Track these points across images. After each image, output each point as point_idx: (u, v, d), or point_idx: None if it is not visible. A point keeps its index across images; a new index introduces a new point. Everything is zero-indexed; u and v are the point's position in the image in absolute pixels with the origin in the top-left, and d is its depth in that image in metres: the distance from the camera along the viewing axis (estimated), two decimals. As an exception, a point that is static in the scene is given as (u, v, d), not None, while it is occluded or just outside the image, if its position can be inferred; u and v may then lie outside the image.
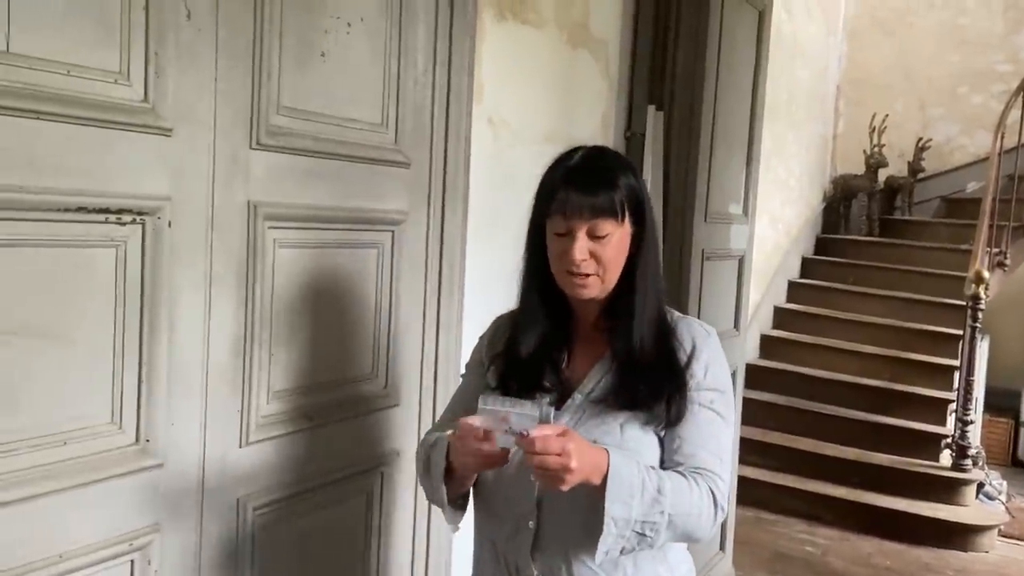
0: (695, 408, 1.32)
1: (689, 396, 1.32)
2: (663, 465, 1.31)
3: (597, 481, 1.18)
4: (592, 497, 1.20)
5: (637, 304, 1.33)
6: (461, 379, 1.54)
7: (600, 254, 1.29)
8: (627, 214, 1.30)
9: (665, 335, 1.36)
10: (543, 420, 1.26)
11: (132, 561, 1.40)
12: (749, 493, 4.23)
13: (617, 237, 1.30)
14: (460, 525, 1.42)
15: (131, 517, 1.39)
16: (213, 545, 1.54)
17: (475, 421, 1.19)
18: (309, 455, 1.72)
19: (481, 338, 1.50)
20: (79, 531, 1.32)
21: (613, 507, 1.18)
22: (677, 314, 1.41)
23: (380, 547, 1.93)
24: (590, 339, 1.39)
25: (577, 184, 1.28)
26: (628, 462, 1.22)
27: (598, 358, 1.37)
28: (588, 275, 1.29)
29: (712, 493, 1.29)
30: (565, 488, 1.15)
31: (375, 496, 1.91)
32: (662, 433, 1.32)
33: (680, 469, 1.29)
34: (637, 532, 1.21)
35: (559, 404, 1.33)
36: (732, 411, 1.39)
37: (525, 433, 1.14)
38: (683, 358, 1.34)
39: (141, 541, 1.40)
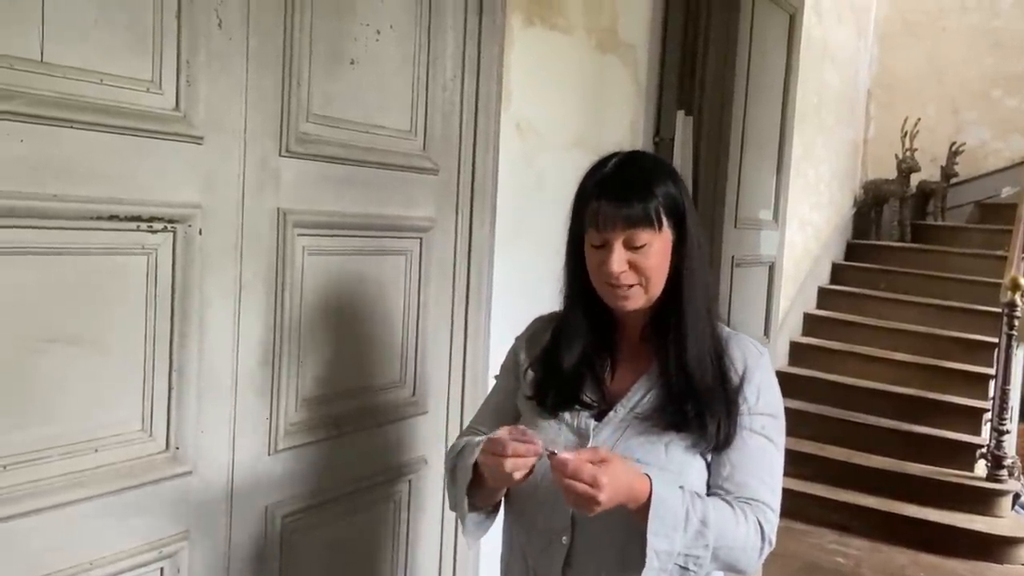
0: (746, 433, 1.27)
1: (740, 420, 1.27)
2: (709, 490, 1.27)
3: (633, 507, 1.15)
4: (631, 521, 1.17)
5: (688, 317, 1.28)
6: (494, 380, 1.50)
7: (640, 264, 1.24)
8: (665, 221, 1.25)
9: (717, 352, 1.30)
10: (582, 434, 1.24)
11: (161, 569, 1.40)
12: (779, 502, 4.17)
13: (657, 246, 1.25)
14: (480, 541, 1.39)
15: (161, 524, 1.39)
16: (241, 553, 1.54)
17: (519, 446, 1.15)
18: (337, 463, 1.72)
19: (518, 339, 1.47)
20: (109, 538, 1.32)
21: (656, 540, 1.14)
22: (727, 329, 1.36)
23: (407, 556, 1.93)
24: (635, 351, 1.35)
25: (609, 194, 1.23)
26: (672, 491, 1.18)
27: (643, 371, 1.33)
28: (630, 286, 1.25)
29: (760, 526, 1.24)
30: (590, 515, 1.13)
31: (402, 504, 1.90)
32: (709, 456, 1.27)
33: (728, 498, 1.25)
34: (680, 565, 1.18)
35: (599, 416, 1.30)
36: (783, 437, 1.32)
37: (555, 452, 1.12)
38: (734, 379, 1.28)
39: (170, 549, 1.40)
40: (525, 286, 2.19)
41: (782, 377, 4.88)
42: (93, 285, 1.27)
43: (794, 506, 4.32)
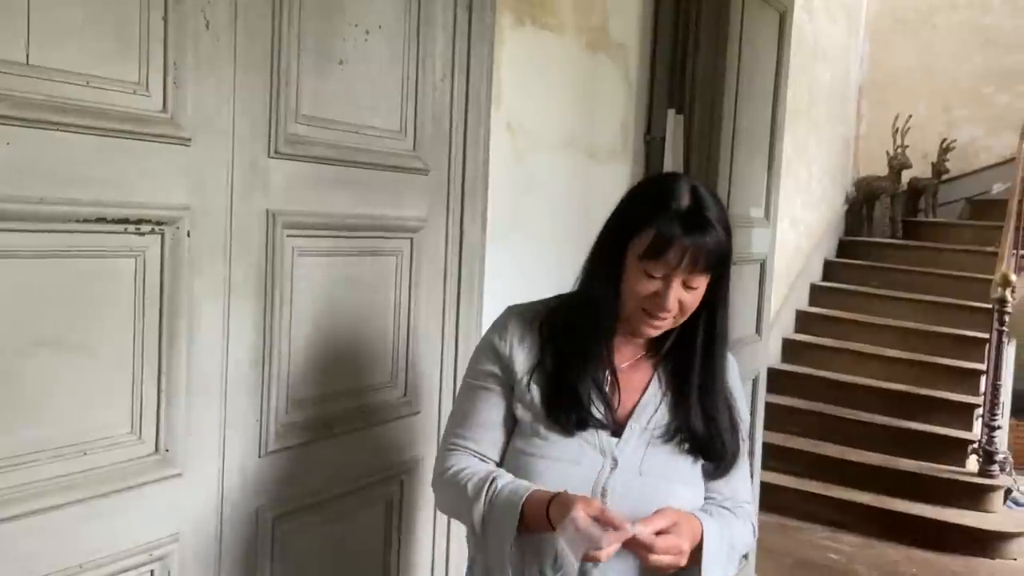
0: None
1: None
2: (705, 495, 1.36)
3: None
4: None
5: (717, 357, 1.33)
6: (473, 384, 1.40)
7: (686, 302, 1.26)
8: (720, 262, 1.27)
9: (723, 388, 1.36)
10: (605, 452, 1.28)
11: (152, 571, 1.40)
12: (772, 499, 4.18)
13: (702, 287, 1.27)
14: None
15: (151, 527, 1.39)
16: (233, 555, 1.54)
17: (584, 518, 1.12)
18: (329, 464, 1.72)
19: (500, 339, 1.37)
20: (98, 541, 1.31)
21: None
22: None
23: (400, 556, 1.92)
24: (633, 355, 1.36)
25: (689, 232, 1.20)
26: (715, 528, 1.26)
27: (646, 379, 1.35)
28: (669, 319, 1.27)
29: (751, 523, 1.39)
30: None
31: (395, 505, 1.90)
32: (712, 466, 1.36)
33: (729, 506, 1.35)
34: None
35: (616, 432, 1.31)
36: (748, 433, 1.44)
37: (642, 533, 1.14)
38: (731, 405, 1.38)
39: (161, 551, 1.40)
40: (517, 285, 2.19)
41: (775, 374, 4.93)
42: (81, 288, 1.27)
43: (786, 502, 4.35)
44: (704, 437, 1.31)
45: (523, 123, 2.22)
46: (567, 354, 1.31)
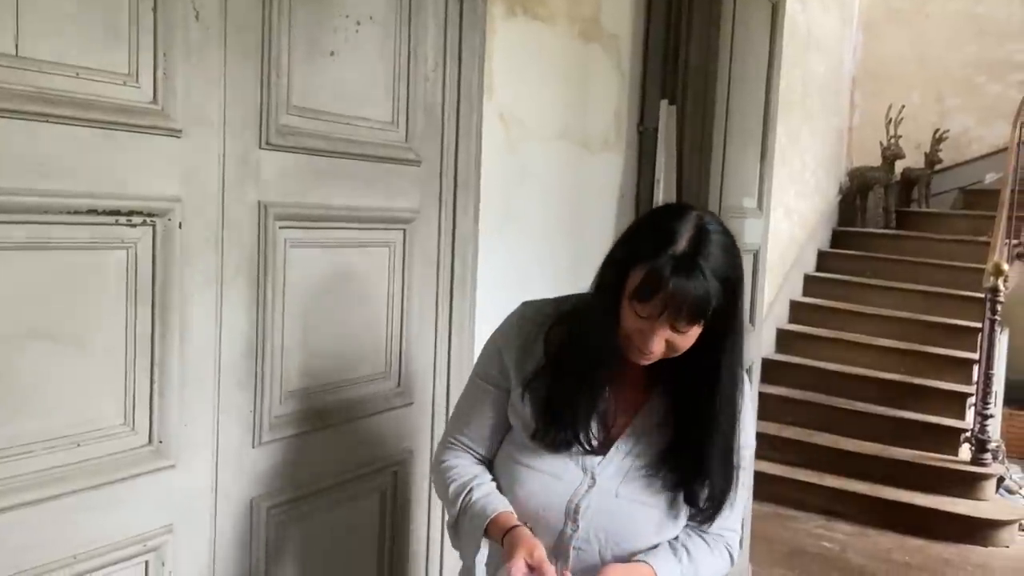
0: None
1: None
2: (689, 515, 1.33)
3: None
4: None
5: (721, 397, 1.25)
6: (477, 381, 1.41)
7: (675, 343, 1.20)
8: (715, 309, 1.17)
9: (737, 424, 1.29)
10: (586, 471, 1.29)
11: (146, 562, 1.41)
12: (766, 488, 4.20)
13: (695, 332, 1.19)
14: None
15: (145, 518, 1.39)
16: (227, 545, 1.54)
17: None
18: (323, 455, 1.72)
19: (504, 339, 1.36)
20: (93, 532, 1.32)
21: None
22: None
23: (395, 546, 1.93)
24: (629, 373, 1.30)
25: (674, 280, 1.13)
26: (672, 571, 1.26)
27: (641, 400, 1.32)
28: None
29: (730, 554, 1.36)
30: None
31: (388, 496, 1.90)
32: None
33: (705, 531, 1.33)
34: None
35: (601, 450, 1.29)
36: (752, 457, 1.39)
37: None
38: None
39: (155, 542, 1.41)
40: (510, 276, 2.20)
41: (768, 364, 4.92)
42: (72, 280, 1.27)
43: (780, 492, 4.37)
44: (689, 482, 1.27)
45: (515, 113, 2.22)
46: (565, 374, 1.27)
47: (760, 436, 4.25)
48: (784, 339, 5.57)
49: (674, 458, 1.28)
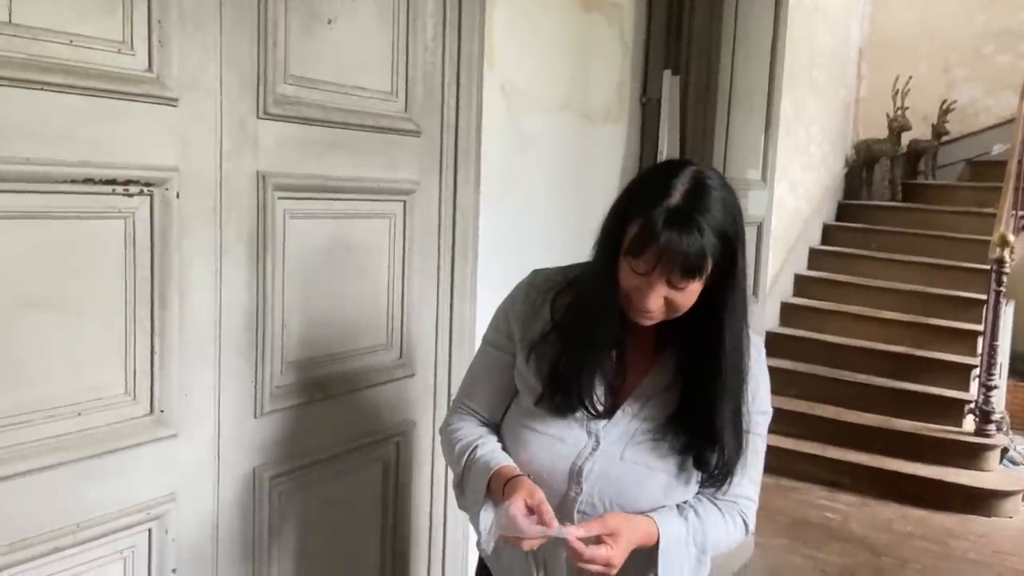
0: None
1: None
2: (700, 484, 1.30)
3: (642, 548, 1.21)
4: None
5: (726, 356, 1.21)
6: (486, 346, 1.40)
7: (674, 300, 1.17)
8: (711, 268, 1.15)
9: (744, 376, 1.26)
10: (591, 433, 1.27)
11: (150, 530, 1.42)
12: (769, 460, 4.13)
13: (696, 286, 1.17)
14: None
15: (147, 487, 1.40)
16: (230, 514, 1.55)
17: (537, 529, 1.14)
18: (324, 425, 1.73)
19: (512, 304, 1.35)
20: (95, 501, 1.33)
21: None
22: None
23: (398, 516, 1.94)
24: (640, 337, 1.28)
25: (667, 234, 1.10)
26: (677, 532, 1.23)
27: (650, 364, 1.30)
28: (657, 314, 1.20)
29: (744, 522, 1.33)
30: None
31: (391, 466, 1.91)
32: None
33: (719, 500, 1.30)
34: None
35: (607, 415, 1.28)
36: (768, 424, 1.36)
37: (568, 536, 1.14)
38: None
39: (158, 511, 1.42)
40: (512, 246, 2.19)
41: (773, 337, 4.90)
42: (70, 249, 1.27)
43: (783, 463, 4.38)
44: (698, 445, 1.25)
45: (517, 84, 2.20)
46: (570, 339, 1.26)
47: (764, 408, 4.29)
48: (789, 312, 5.56)
49: (681, 421, 1.26)
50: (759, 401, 1.31)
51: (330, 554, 1.79)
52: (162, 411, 1.41)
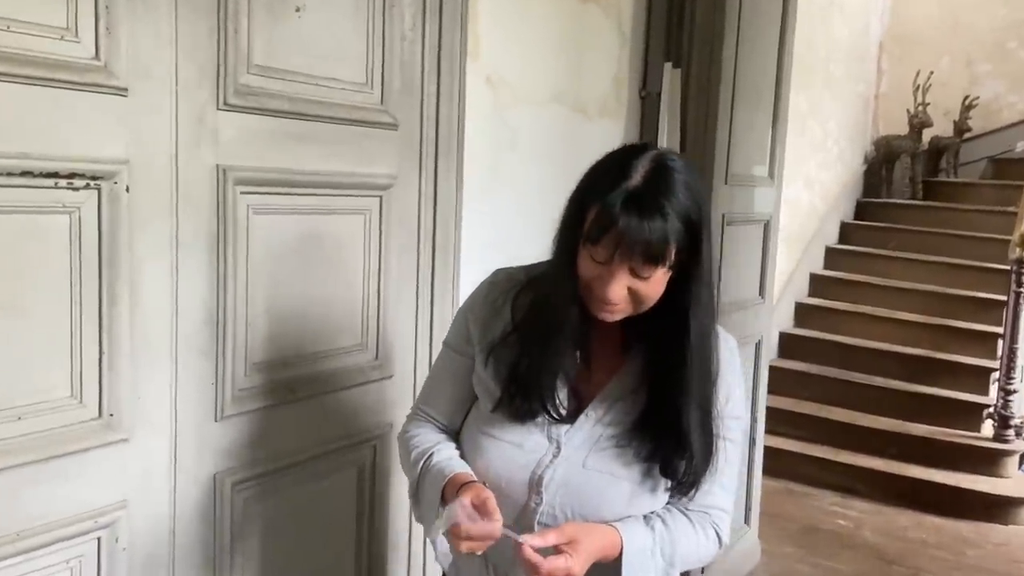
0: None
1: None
2: (669, 493, 1.23)
3: (603, 562, 1.14)
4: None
5: (691, 351, 1.15)
6: (445, 350, 1.35)
7: (638, 291, 1.10)
8: (676, 255, 1.09)
9: (712, 375, 1.20)
10: (552, 439, 1.21)
11: (99, 539, 1.36)
12: (778, 464, 4.11)
13: (660, 275, 1.10)
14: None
15: (96, 494, 1.34)
16: (189, 521, 1.49)
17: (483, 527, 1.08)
18: (294, 429, 1.67)
19: (471, 308, 1.30)
20: (39, 508, 1.27)
21: None
22: None
23: (374, 522, 1.88)
24: (605, 339, 1.22)
25: (628, 219, 1.05)
26: (641, 542, 1.16)
27: (615, 368, 1.23)
28: (621, 307, 1.12)
29: (717, 534, 1.26)
30: None
31: (367, 471, 1.85)
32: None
33: (689, 510, 1.24)
34: None
35: (571, 419, 1.21)
36: (745, 431, 1.29)
37: (518, 537, 1.07)
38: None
39: (107, 518, 1.36)
40: (498, 243, 2.12)
41: (786, 338, 4.82)
42: (10, 246, 1.21)
43: (794, 467, 4.29)
44: (665, 451, 1.17)
45: (504, 76, 2.13)
46: (530, 339, 1.20)
47: (776, 411, 4.21)
48: (803, 313, 5.44)
49: (647, 425, 1.18)
50: (732, 404, 1.24)
51: (301, 563, 1.73)
52: (111, 414, 1.35)
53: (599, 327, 1.19)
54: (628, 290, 1.10)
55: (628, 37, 2.60)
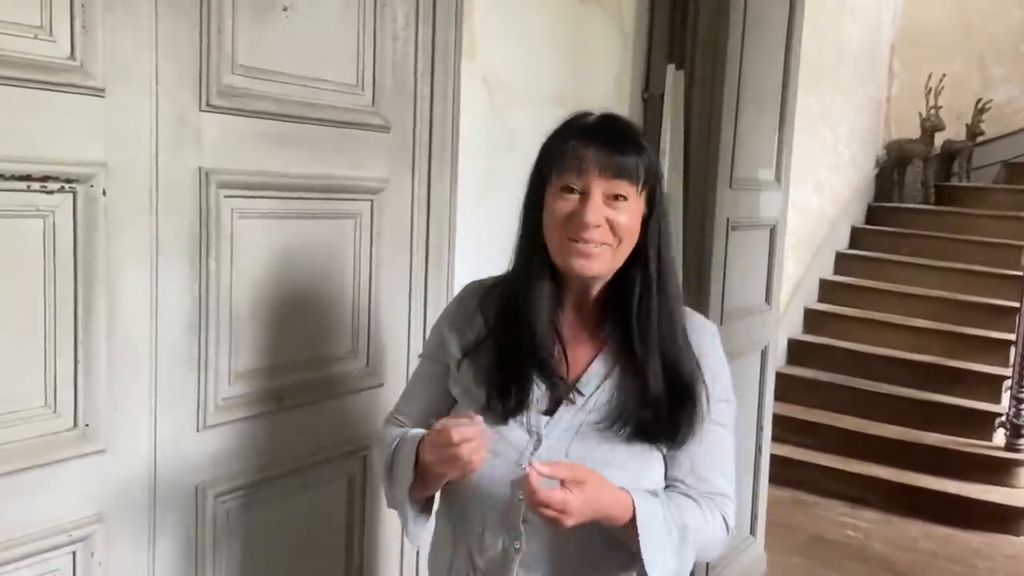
0: (705, 424, 1.20)
1: None
2: (667, 483, 1.21)
3: (606, 523, 1.11)
4: (609, 535, 1.15)
5: (656, 303, 1.18)
6: (421, 359, 1.37)
7: (616, 221, 1.13)
8: (642, 183, 1.15)
9: (685, 345, 1.20)
10: (532, 432, 1.18)
11: (74, 553, 1.32)
12: (786, 473, 4.05)
13: (633, 206, 1.15)
14: (423, 541, 1.30)
15: (70, 506, 1.30)
16: (170, 534, 1.45)
17: (465, 427, 1.07)
18: (281, 439, 1.62)
19: (444, 318, 1.33)
20: (10, 521, 1.23)
21: (654, 568, 1.12)
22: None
23: (364, 535, 1.83)
24: (580, 327, 1.23)
25: (597, 140, 1.13)
26: (653, 509, 1.13)
27: (592, 354, 1.22)
28: (600, 244, 1.13)
29: (724, 521, 1.23)
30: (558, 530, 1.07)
31: (357, 481, 1.80)
32: (665, 450, 1.20)
33: (693, 494, 1.21)
34: None
35: (550, 410, 1.19)
36: (734, 418, 1.27)
37: (528, 470, 1.04)
38: (693, 367, 1.21)
39: (82, 532, 1.32)
40: (494, 247, 2.05)
41: (795, 345, 4.75)
42: (-20, 250, 1.17)
43: (803, 476, 4.22)
44: (647, 417, 1.16)
45: (501, 77, 2.09)
46: (503, 335, 1.21)
47: (784, 419, 4.14)
48: (812, 319, 5.37)
49: (629, 401, 1.17)
50: (720, 388, 1.24)
51: (287, 576, 1.68)
52: (87, 425, 1.30)
53: (573, 313, 1.22)
54: (606, 221, 1.12)
55: (630, 37, 2.55)
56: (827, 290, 5.56)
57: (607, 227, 1.13)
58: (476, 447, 1.07)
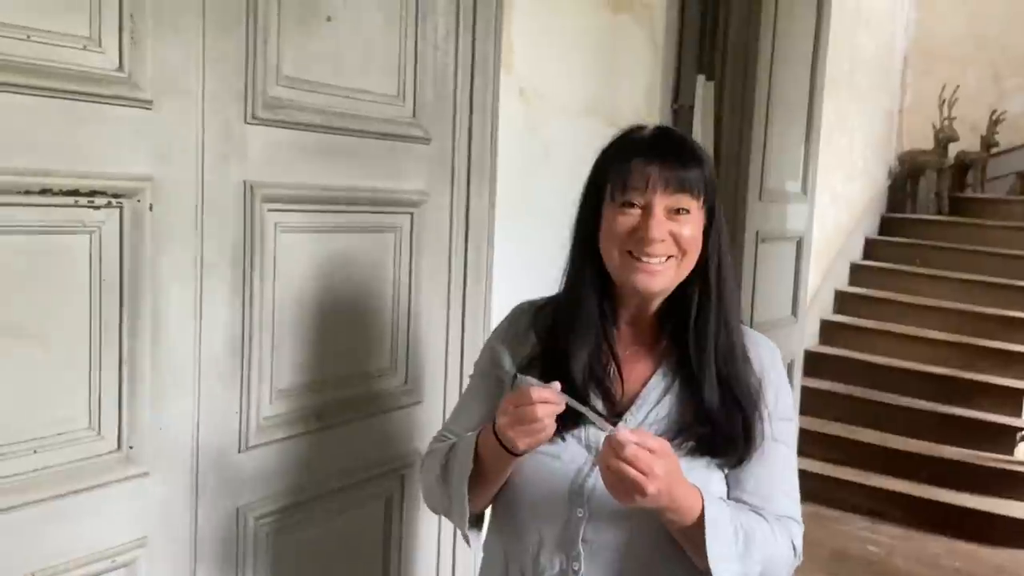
0: (767, 443, 1.16)
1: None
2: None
3: (673, 516, 1.06)
4: (671, 554, 1.11)
5: (714, 315, 1.15)
6: (473, 376, 1.33)
7: (679, 234, 1.11)
8: (703, 196, 1.13)
9: (743, 359, 1.17)
10: (591, 448, 1.15)
11: (117, 578, 1.28)
12: (806, 487, 3.91)
13: (696, 218, 1.13)
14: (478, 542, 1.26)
15: (114, 531, 1.26)
16: (210, 559, 1.41)
17: (545, 390, 1.04)
18: (319, 459, 1.58)
19: (496, 337, 1.30)
20: (53, 547, 1.19)
21: (720, 568, 1.06)
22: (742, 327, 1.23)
23: (402, 556, 1.79)
24: (636, 345, 1.21)
25: (660, 154, 1.11)
26: (721, 509, 1.09)
27: (650, 368, 1.19)
28: (665, 258, 1.11)
29: (793, 545, 1.18)
30: (629, 504, 1.02)
31: (395, 501, 1.76)
32: (727, 469, 1.16)
33: (761, 513, 1.16)
34: None
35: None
36: (796, 439, 1.24)
37: (613, 429, 1.00)
38: (753, 383, 1.17)
39: (126, 557, 1.28)
40: (530, 263, 2.03)
41: (812, 357, 4.68)
42: (27, 268, 1.14)
43: (822, 491, 4.16)
44: (706, 431, 1.13)
45: (537, 88, 2.05)
46: (557, 349, 1.18)
47: (801, 432, 4.06)
48: (828, 330, 5.34)
49: (692, 416, 1.14)
50: (783, 406, 1.20)
51: (325, 598, 1.64)
52: (131, 447, 1.27)
53: (628, 327, 1.20)
54: (669, 235, 1.11)
55: (661, 49, 2.52)
56: (842, 301, 5.53)
57: (671, 240, 1.12)
58: (553, 411, 1.04)
